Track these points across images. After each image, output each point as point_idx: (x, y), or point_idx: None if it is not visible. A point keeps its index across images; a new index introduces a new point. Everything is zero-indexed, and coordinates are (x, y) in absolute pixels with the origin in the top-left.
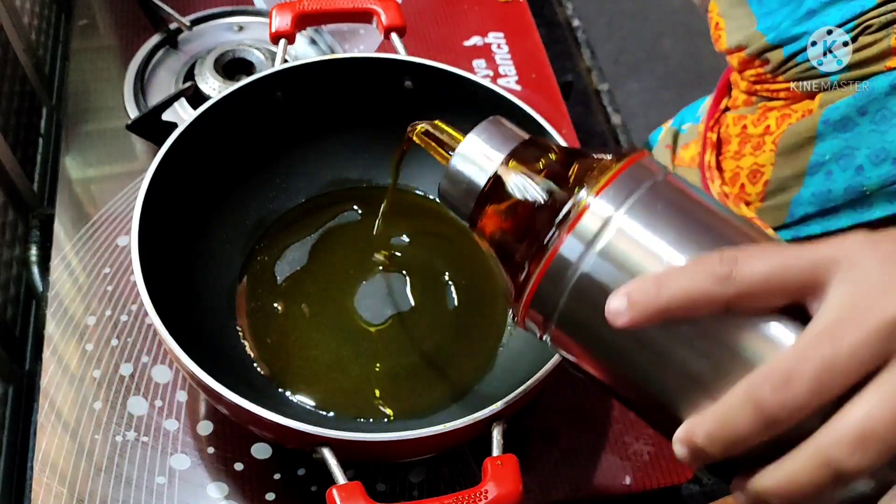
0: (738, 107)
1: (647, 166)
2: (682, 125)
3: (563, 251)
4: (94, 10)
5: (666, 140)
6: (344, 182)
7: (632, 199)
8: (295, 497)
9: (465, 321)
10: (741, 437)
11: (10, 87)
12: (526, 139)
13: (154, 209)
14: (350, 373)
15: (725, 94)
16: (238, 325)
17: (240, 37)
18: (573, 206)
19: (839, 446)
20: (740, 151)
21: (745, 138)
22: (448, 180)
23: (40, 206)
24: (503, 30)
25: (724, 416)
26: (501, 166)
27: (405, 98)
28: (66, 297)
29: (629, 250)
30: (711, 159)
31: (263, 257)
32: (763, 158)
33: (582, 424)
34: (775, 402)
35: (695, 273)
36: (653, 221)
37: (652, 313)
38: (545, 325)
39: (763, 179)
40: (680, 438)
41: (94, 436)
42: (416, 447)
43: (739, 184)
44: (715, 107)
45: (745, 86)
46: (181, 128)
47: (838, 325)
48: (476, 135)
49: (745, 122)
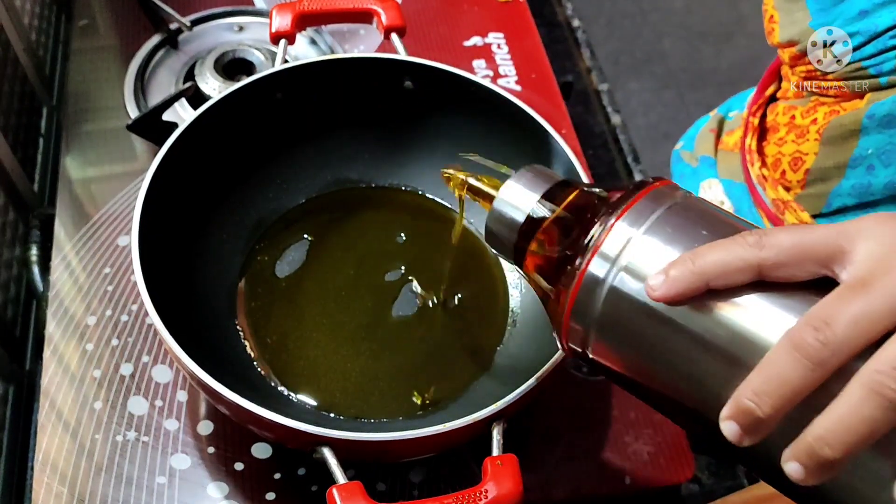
0: (789, 98)
1: (667, 192)
2: (728, 112)
3: (591, 271)
4: (94, 11)
5: (711, 125)
6: (344, 182)
7: (651, 220)
8: (295, 497)
9: (465, 321)
10: (790, 387)
11: (11, 87)
12: (559, 180)
13: (154, 209)
14: (350, 373)
15: (772, 81)
16: (238, 325)
17: (240, 37)
18: (600, 230)
19: (885, 373)
20: (784, 138)
21: (791, 128)
22: (493, 221)
23: (41, 206)
24: (503, 30)
25: (770, 367)
26: (537, 204)
27: (405, 98)
28: (67, 297)
29: (651, 261)
30: (752, 143)
31: (263, 257)
32: (806, 147)
33: (582, 424)
34: (817, 342)
35: (727, 244)
36: (671, 234)
37: (689, 283)
38: (586, 341)
39: (804, 167)
40: (727, 412)
41: (95, 436)
42: (416, 447)
43: (781, 170)
44: (760, 94)
45: (795, 80)
46: (181, 128)
47: (870, 276)
48: (514, 180)
49: (794, 112)
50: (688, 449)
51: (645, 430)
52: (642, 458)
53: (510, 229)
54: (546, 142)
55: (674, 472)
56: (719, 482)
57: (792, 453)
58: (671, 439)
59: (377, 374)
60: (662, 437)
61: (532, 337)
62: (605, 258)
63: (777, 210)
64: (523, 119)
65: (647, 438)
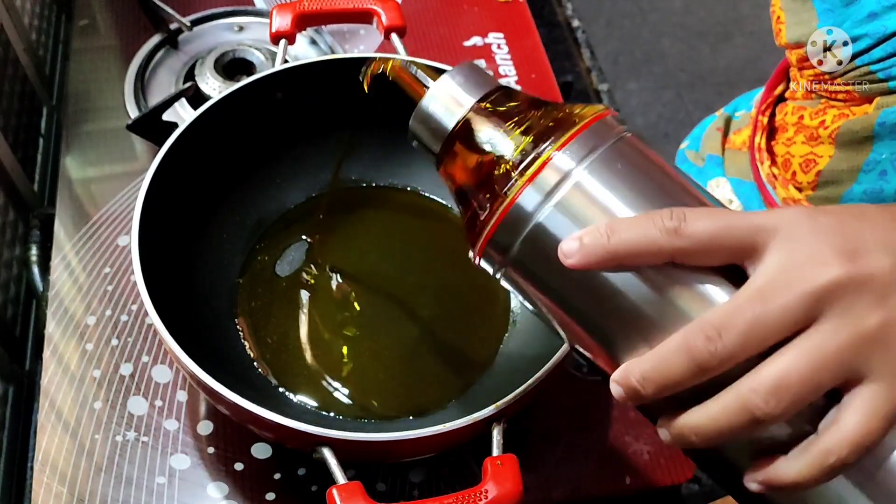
0: (797, 98)
1: (612, 124)
2: (735, 111)
3: (520, 201)
4: (94, 11)
5: (717, 124)
6: (345, 182)
7: (592, 156)
8: (295, 497)
9: (465, 321)
10: (673, 380)
11: (11, 86)
12: (499, 87)
13: (154, 209)
14: (351, 372)
15: (780, 81)
16: (238, 325)
17: (240, 37)
18: (535, 158)
19: (756, 393)
20: (792, 139)
21: (800, 128)
22: (418, 119)
23: (41, 206)
24: (503, 30)
25: (660, 360)
26: (471, 111)
27: (405, 98)
28: (67, 297)
29: (584, 205)
30: (762, 141)
31: (263, 257)
32: (821, 150)
33: (582, 424)
34: (706, 351)
35: (646, 224)
36: (610, 179)
37: (601, 257)
38: (499, 267)
39: (816, 169)
40: (617, 379)
41: (95, 436)
42: (416, 447)
43: (791, 170)
44: (768, 93)
45: (804, 82)
46: (181, 128)
47: (770, 287)
48: (450, 77)
49: (803, 112)
50: None
51: (645, 430)
52: (642, 457)
53: (437, 133)
54: None
55: (674, 471)
56: None
57: (667, 428)
58: None
59: (377, 374)
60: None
61: (532, 337)
62: (538, 189)
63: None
64: None
65: (647, 438)
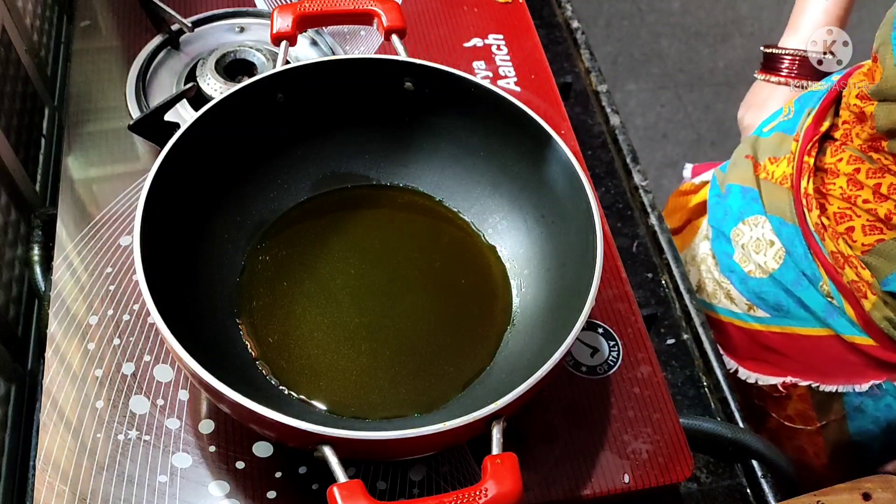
0: (849, 144)
1: None
2: (762, 129)
3: None
4: (95, 11)
5: (744, 150)
6: (345, 181)
7: None
8: (296, 495)
9: (466, 320)
10: None
11: (13, 87)
12: None
13: (156, 209)
14: (351, 371)
15: (825, 117)
16: (240, 324)
17: (241, 38)
18: None
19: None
20: (850, 196)
21: (855, 183)
22: None
23: (43, 206)
24: (503, 31)
25: None
26: None
27: (406, 99)
28: (69, 297)
29: None
30: (809, 187)
31: (265, 257)
32: (890, 233)
33: (581, 423)
34: None
35: None
36: None
37: None
38: None
39: (877, 237)
40: None
41: (96, 434)
42: (416, 445)
43: (847, 225)
44: (814, 129)
45: (859, 144)
46: (183, 128)
47: None
48: None
49: (860, 166)
50: (686, 448)
51: (644, 429)
52: (641, 456)
53: None
54: (545, 142)
55: (672, 470)
56: (718, 481)
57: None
58: (670, 438)
59: (377, 373)
60: (661, 435)
61: (532, 337)
62: None
63: (836, 263)
64: (523, 120)
65: (645, 437)
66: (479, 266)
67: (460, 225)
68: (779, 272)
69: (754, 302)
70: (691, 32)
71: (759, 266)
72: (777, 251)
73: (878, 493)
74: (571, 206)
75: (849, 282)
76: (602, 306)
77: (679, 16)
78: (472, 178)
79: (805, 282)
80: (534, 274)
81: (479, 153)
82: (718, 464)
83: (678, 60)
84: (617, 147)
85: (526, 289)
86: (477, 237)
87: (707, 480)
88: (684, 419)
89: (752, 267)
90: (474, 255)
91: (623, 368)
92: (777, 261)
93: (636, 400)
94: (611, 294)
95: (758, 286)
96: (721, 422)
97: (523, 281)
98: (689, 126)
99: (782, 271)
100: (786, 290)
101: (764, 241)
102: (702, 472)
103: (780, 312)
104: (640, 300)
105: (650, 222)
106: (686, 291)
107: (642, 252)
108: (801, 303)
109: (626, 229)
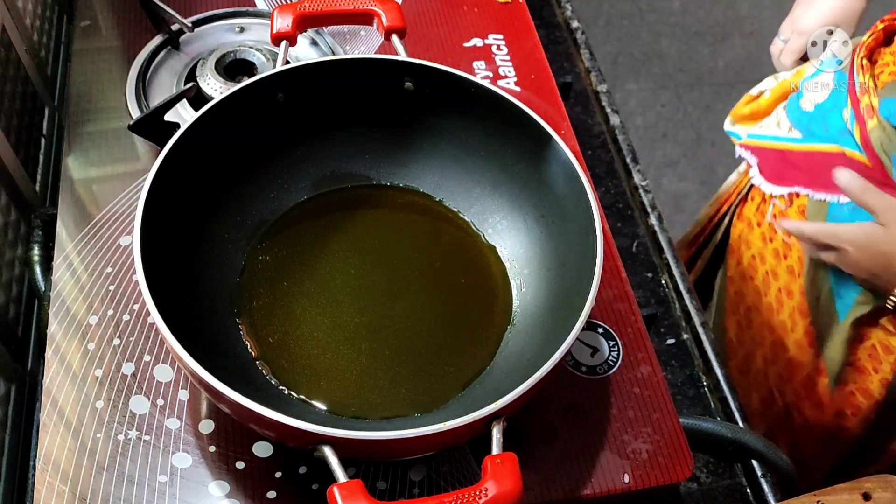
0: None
1: None
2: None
3: None
4: (95, 11)
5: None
6: (345, 181)
7: None
8: (296, 495)
9: (466, 320)
10: None
11: (13, 87)
12: None
13: (156, 209)
14: (351, 371)
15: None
16: (240, 324)
17: (241, 38)
18: None
19: None
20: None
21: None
22: None
23: (43, 206)
24: (503, 31)
25: None
26: None
27: (406, 99)
28: (69, 297)
29: None
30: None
31: (265, 256)
32: None
33: (581, 423)
34: None
35: None
36: None
37: None
38: None
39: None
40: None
41: (96, 434)
42: (416, 445)
43: (878, 72)
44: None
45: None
46: (183, 128)
47: None
48: None
49: None
50: (686, 447)
51: (644, 429)
52: (641, 456)
53: None
54: (545, 142)
55: (672, 470)
56: (718, 481)
57: None
58: (670, 438)
59: (377, 373)
60: (661, 435)
61: (532, 336)
62: None
63: (861, 92)
64: (523, 119)
65: (645, 437)
66: (479, 266)
67: (460, 225)
68: (821, 104)
69: (794, 125)
70: (691, 32)
71: (811, 102)
72: (828, 92)
73: (878, 493)
74: (571, 206)
75: (864, 107)
76: (602, 306)
77: (679, 16)
78: (472, 178)
79: (834, 108)
80: (534, 274)
81: (479, 153)
82: (718, 464)
83: (678, 60)
84: (617, 147)
85: (526, 289)
86: (477, 237)
87: (707, 480)
88: (684, 419)
89: (808, 105)
90: (474, 255)
91: (623, 368)
92: (824, 97)
93: (636, 400)
94: (611, 294)
95: (804, 114)
96: (721, 422)
97: (523, 281)
98: (689, 126)
99: (824, 103)
100: (820, 115)
101: (821, 84)
102: (702, 472)
103: (810, 133)
104: (640, 300)
105: (650, 222)
106: (686, 291)
107: (642, 252)
108: (825, 125)
109: (626, 229)
